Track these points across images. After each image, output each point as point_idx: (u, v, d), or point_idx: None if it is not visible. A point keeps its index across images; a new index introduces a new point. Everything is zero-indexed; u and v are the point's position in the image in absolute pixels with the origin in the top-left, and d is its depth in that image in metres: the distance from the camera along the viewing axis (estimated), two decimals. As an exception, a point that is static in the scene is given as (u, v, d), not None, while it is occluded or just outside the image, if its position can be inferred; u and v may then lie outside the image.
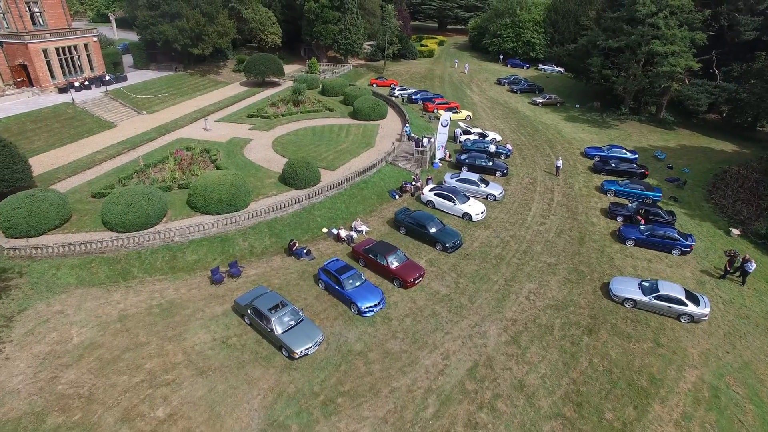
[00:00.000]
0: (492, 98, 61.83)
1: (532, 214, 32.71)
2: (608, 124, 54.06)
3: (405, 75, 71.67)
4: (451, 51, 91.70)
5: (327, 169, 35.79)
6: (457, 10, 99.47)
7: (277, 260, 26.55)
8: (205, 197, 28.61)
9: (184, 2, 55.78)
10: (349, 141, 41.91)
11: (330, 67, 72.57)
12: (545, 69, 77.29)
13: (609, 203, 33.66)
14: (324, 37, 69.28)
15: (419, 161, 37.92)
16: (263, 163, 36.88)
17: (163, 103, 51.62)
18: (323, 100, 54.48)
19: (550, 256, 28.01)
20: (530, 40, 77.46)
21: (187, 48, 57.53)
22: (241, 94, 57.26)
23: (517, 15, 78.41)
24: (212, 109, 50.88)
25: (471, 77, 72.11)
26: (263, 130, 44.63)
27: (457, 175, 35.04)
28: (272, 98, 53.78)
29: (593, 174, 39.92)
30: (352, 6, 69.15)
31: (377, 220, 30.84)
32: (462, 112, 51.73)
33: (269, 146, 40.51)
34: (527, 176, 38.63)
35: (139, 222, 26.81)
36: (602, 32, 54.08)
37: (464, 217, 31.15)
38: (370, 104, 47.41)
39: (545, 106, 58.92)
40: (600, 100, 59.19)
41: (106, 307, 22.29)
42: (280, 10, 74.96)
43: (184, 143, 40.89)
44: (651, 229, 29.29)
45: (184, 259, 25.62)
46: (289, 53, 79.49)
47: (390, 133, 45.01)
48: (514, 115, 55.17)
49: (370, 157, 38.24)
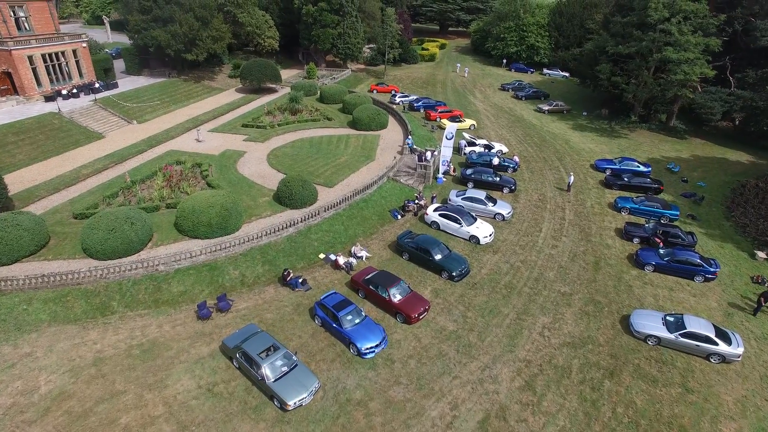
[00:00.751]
0: (496, 105, 59.83)
1: (543, 235, 30.73)
2: (617, 132, 52.08)
3: (406, 80, 69.66)
4: (452, 54, 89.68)
5: (324, 186, 33.81)
6: (458, 13, 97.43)
7: (270, 291, 24.55)
8: (193, 220, 26.63)
9: (177, 6, 53.79)
10: (348, 154, 39.91)
11: (329, 72, 70.59)
12: (550, 74, 75.28)
13: (624, 223, 31.66)
14: (322, 42, 67.29)
15: (422, 176, 35.94)
16: (257, 178, 34.90)
17: (154, 112, 49.63)
18: (321, 108, 52.48)
19: (564, 285, 26.03)
20: (534, 43, 75.44)
21: (180, 54, 55.54)
22: (237, 101, 55.25)
23: (521, 18, 76.41)
24: (206, 118, 48.89)
25: (474, 83, 70.11)
26: (258, 141, 42.63)
27: (463, 192, 33.05)
28: (268, 106, 51.77)
29: (605, 189, 37.94)
30: (352, 9, 67.15)
31: (378, 244, 28.84)
32: (466, 121, 49.73)
33: (264, 159, 38.52)
34: (536, 192, 36.64)
35: (122, 249, 24.85)
36: (611, 38, 52.08)
37: (471, 240, 29.16)
38: (370, 114, 45.41)
39: (551, 113, 56.92)
40: (608, 107, 57.21)
41: (81, 349, 20.29)
42: (277, 13, 72.98)
43: (175, 156, 38.93)
44: (671, 254, 27.31)
45: (169, 291, 23.63)
46: (287, 57, 77.50)
47: (391, 144, 43.02)
48: (519, 123, 53.18)
49: (370, 172, 36.26)
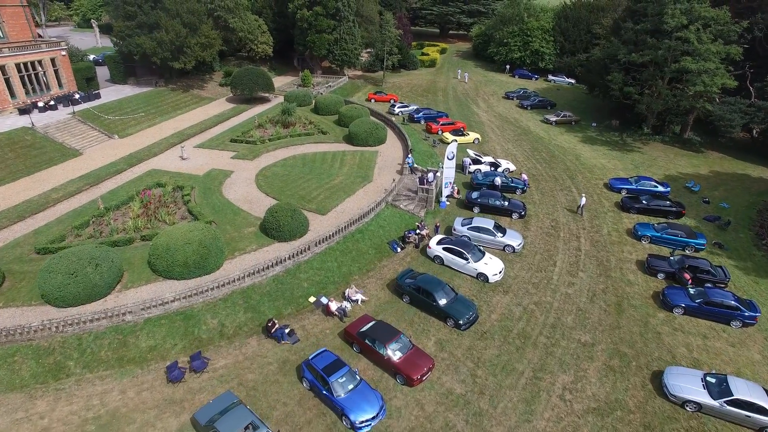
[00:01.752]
0: (501, 115, 56.87)
1: (558, 270, 27.79)
2: (629, 146, 49.18)
3: (405, 88, 66.68)
4: (453, 60, 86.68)
5: (317, 212, 30.84)
6: (459, 16, 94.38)
7: (253, 344, 21.58)
8: (167, 260, 23.67)
9: (163, 12, 50.77)
10: (343, 174, 36.94)
11: (325, 79, 67.59)
12: (555, 80, 72.38)
13: (647, 256, 28.72)
14: (318, 48, 64.29)
15: (424, 200, 33.00)
16: (243, 204, 31.93)
17: (138, 125, 46.61)
18: (316, 119, 49.52)
19: (585, 332, 23.10)
20: (539, 49, 72.50)
21: (167, 62, 52.53)
22: (226, 112, 52.24)
23: (525, 22, 73.47)
24: (192, 131, 45.87)
25: (476, 90, 67.13)
26: (247, 158, 39.65)
27: (469, 221, 30.08)
28: (259, 119, 48.78)
29: (622, 212, 35.01)
30: (348, 14, 64.16)
31: (375, 283, 25.87)
32: (470, 135, 46.77)
33: (252, 181, 35.54)
34: (548, 217, 33.70)
35: (84, 295, 21.91)
36: (622, 45, 49.18)
37: (479, 278, 26.22)
38: (367, 128, 42.45)
39: (559, 125, 54.00)
40: (618, 117, 54.33)
41: (23, 426, 17.29)
42: (271, 17, 69.98)
43: (156, 176, 35.96)
44: (703, 295, 24.40)
45: (136, 346, 20.64)
46: (282, 63, 74.52)
47: (390, 162, 40.05)
48: (526, 136, 50.24)
49: (367, 196, 33.31)
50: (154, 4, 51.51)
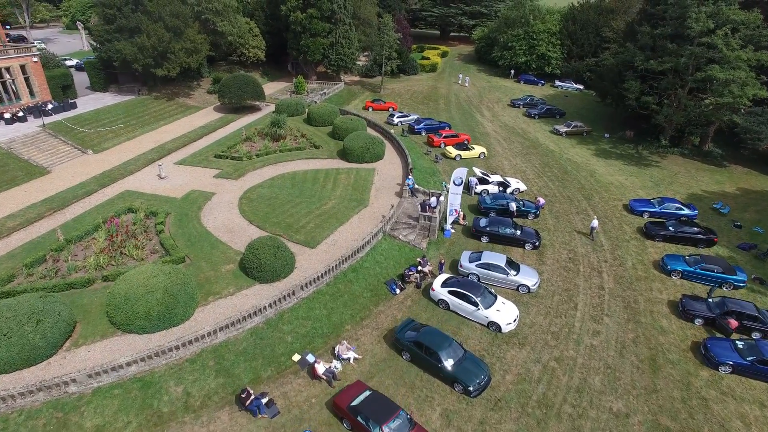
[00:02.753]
0: (507, 126, 53.29)
1: (580, 314, 24.24)
2: (646, 159, 45.64)
3: (405, 95, 63.09)
4: (455, 63, 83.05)
5: (305, 245, 27.28)
6: (461, 18, 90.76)
7: (224, 419, 18.00)
8: (126, 312, 20.14)
9: (145, 15, 47.18)
10: (336, 196, 33.37)
11: (320, 85, 63.99)
12: (562, 86, 68.81)
13: (681, 297, 25.17)
14: (312, 52, 60.70)
15: (426, 229, 29.44)
16: (224, 233, 28.37)
17: (116, 138, 43.01)
18: (309, 131, 45.96)
19: (617, 398, 19.55)
20: (545, 53, 68.92)
21: (149, 69, 48.95)
22: (213, 123, 48.61)
23: (531, 25, 69.90)
24: (174, 145, 42.25)
25: (480, 97, 63.52)
26: (231, 177, 36.08)
27: (478, 256, 26.49)
28: (247, 131, 45.19)
29: (645, 239, 31.47)
30: (344, 16, 60.56)
31: (370, 335, 22.29)
32: (475, 148, 43.18)
33: (235, 205, 31.98)
34: (564, 247, 30.14)
35: (20, 359, 18.41)
36: (639, 51, 45.64)
37: (490, 327, 22.67)
38: (363, 143, 38.86)
39: (570, 136, 50.45)
40: (633, 128, 50.79)
41: None
42: (263, 20, 66.38)
43: (130, 199, 32.45)
44: (755, 350, 20.89)
45: (79, 427, 17.06)
46: (275, 68, 70.94)
47: (388, 181, 36.48)
48: (535, 149, 46.66)
49: (362, 224, 29.75)
50: (135, 6, 47.96)
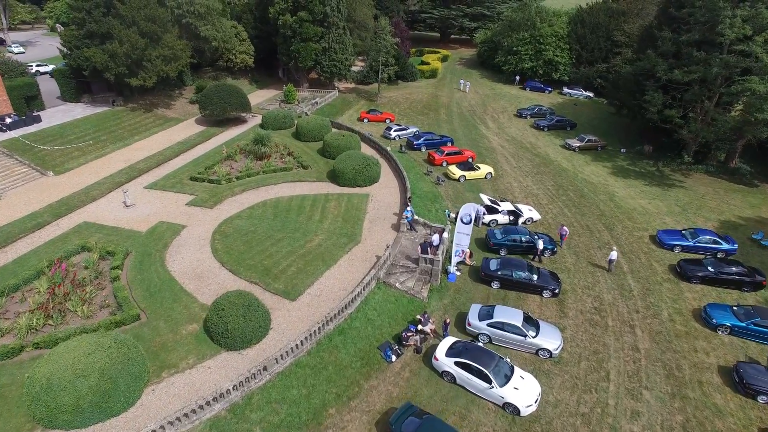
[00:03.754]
0: (514, 139, 49.06)
1: (614, 387, 20.05)
2: (669, 178, 41.49)
3: (403, 104, 58.84)
4: (456, 69, 78.76)
5: (284, 296, 23.11)
6: (462, 20, 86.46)
7: None
8: (48, 404, 15.93)
9: (117, 19, 42.90)
10: (324, 230, 29.16)
11: (312, 93, 59.71)
12: (571, 93, 64.60)
13: (735, 365, 21.01)
14: (303, 58, 56.43)
15: (427, 273, 25.25)
16: (190, 280, 24.19)
17: (83, 157, 38.79)
18: (297, 148, 41.77)
19: None
20: (553, 58, 64.72)
21: (123, 78, 44.71)
22: (192, 138, 44.31)
23: (537, 28, 65.68)
24: (147, 165, 38.01)
25: (484, 107, 59.27)
26: (206, 205, 31.88)
27: (489, 311, 22.28)
28: (228, 148, 41.00)
29: (680, 281, 27.31)
30: (338, 20, 56.29)
31: (359, 422, 18.01)
32: (481, 168, 38.93)
33: (207, 241, 27.79)
34: (588, 293, 25.96)
35: None
36: (660, 58, 41.47)
37: (506, 409, 18.49)
38: (356, 165, 34.63)
39: (583, 151, 46.26)
40: (651, 141, 46.66)
41: None
42: (252, 24, 62.15)
43: (88, 232, 28.34)
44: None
45: None
46: (265, 74, 66.67)
47: (383, 210, 32.28)
48: (546, 167, 42.44)
49: (352, 267, 25.57)
50: (107, 9, 43.71)
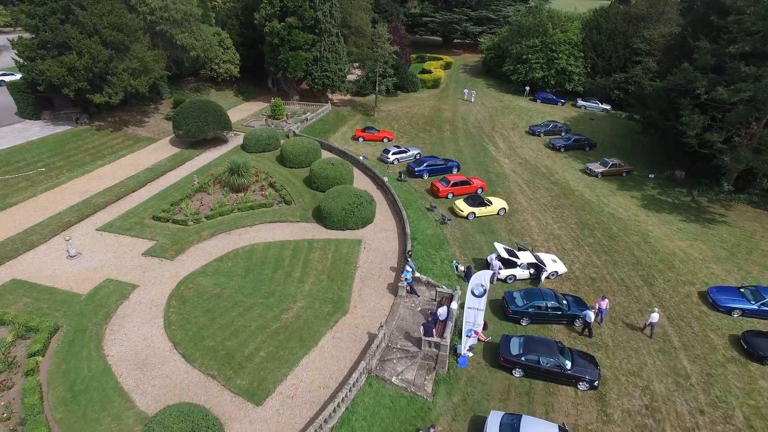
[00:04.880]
0: (528, 162, 43.61)
1: None
2: (707, 211, 36.13)
3: (403, 119, 53.42)
4: (460, 77, 73.29)
5: (248, 398, 17.76)
6: (465, 24, 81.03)
7: None
8: None
9: (75, 27, 37.56)
10: (304, 294, 23.78)
11: (302, 107, 54.28)
12: (586, 106, 59.22)
13: None
14: (293, 69, 51.04)
15: (432, 359, 19.89)
16: (131, 371, 18.84)
17: (31, 188, 33.42)
18: (280, 176, 36.43)
19: None
20: (566, 67, 59.27)
21: (84, 94, 39.40)
22: (162, 164, 38.84)
23: (549, 34, 60.26)
24: (105, 199, 32.59)
25: (493, 122, 53.81)
26: (166, 256, 26.51)
27: (515, 424, 16.90)
28: (201, 178, 35.62)
29: (748, 360, 21.94)
30: (331, 26, 50.87)
31: None
32: (493, 203, 33.47)
33: (161, 309, 22.44)
34: (634, 383, 20.54)
35: None
36: (698, 73, 36.11)
37: None
38: (346, 204, 29.19)
39: (606, 176, 40.86)
40: (682, 165, 41.29)
41: None
42: (237, 30, 56.74)
43: (14, 296, 23.06)
44: None
45: None
46: (253, 84, 61.28)
47: (378, 262, 26.88)
48: (567, 198, 37.01)
49: (338, 351, 20.20)
50: (65, 16, 38.40)
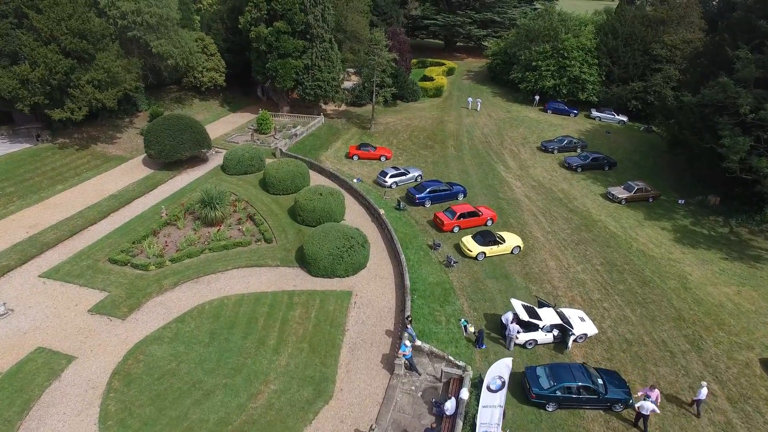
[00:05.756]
0: (542, 185, 39.02)
1: None
2: (750, 246, 31.65)
3: (403, 133, 48.84)
4: (463, 84, 68.62)
5: None
6: (469, 27, 76.36)
7: None
8: None
9: (30, 34, 33.09)
10: (279, 371, 19.23)
11: (293, 119, 49.72)
12: (601, 117, 54.69)
13: None
14: (282, 78, 46.51)
15: (439, 474, 15.39)
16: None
17: (-27, 221, 28.96)
18: (262, 205, 31.93)
19: None
20: (579, 75, 54.70)
21: (42, 110, 34.95)
22: (130, 189, 34.28)
23: (561, 39, 55.70)
24: (57, 235, 28.04)
25: (501, 136, 49.21)
26: (118, 313, 21.99)
27: None
28: (170, 208, 31.07)
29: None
30: (323, 31, 46.33)
31: None
32: (506, 240, 28.77)
33: (98, 394, 17.92)
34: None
35: None
36: (740, 87, 31.65)
37: None
38: (334, 248, 24.57)
39: (631, 203, 36.34)
40: (717, 189, 36.76)
41: None
42: (223, 35, 52.24)
43: None
44: None
45: None
46: (241, 94, 56.72)
47: (372, 325, 22.32)
48: (589, 231, 32.45)
49: (317, 462, 15.71)
50: (19, 21, 33.93)
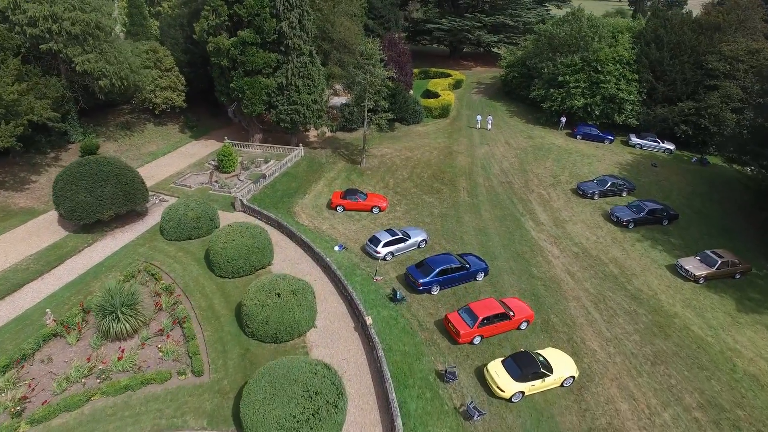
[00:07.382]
0: (586, 252, 29.22)
1: None
2: None
3: (402, 170, 39.18)
4: (473, 98, 58.88)
5: None
6: (478, 32, 66.68)
7: None
8: None
9: None
10: None
11: (265, 150, 40.23)
12: (642, 144, 45.10)
13: None
14: (250, 100, 37.04)
15: None
16: None
17: None
18: (201, 298, 22.51)
19: None
20: (616, 93, 45.11)
21: None
22: (21, 268, 24.80)
23: (592, 50, 46.07)
24: None
25: (524, 172, 39.46)
26: None
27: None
28: (63, 311, 21.63)
29: None
30: (301, 42, 36.69)
31: None
32: (554, 367, 19.23)
33: None
34: None
35: None
36: None
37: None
38: (289, 414, 15.12)
39: (712, 281, 26.76)
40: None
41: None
42: (182, 45, 42.83)
43: None
44: None
45: None
46: (210, 115, 47.35)
47: None
48: (664, 334, 22.82)
49: None
50: None
